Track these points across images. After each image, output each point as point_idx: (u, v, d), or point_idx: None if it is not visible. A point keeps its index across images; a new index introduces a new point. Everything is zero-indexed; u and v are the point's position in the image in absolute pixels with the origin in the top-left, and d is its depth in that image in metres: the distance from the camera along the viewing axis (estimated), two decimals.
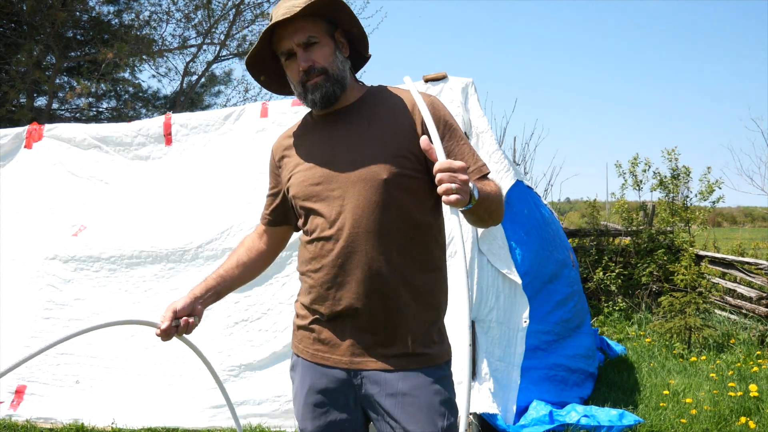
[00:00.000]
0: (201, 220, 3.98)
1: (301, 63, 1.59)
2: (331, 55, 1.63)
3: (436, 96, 3.74)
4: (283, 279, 3.74)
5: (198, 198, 4.08)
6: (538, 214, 4.60)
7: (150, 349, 3.81)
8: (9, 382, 3.93)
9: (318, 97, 1.62)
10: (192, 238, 3.93)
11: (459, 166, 1.38)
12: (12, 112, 9.74)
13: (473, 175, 1.61)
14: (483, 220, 1.62)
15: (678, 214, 7.73)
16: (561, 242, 4.90)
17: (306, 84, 1.62)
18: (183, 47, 12.74)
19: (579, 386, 4.28)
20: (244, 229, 3.87)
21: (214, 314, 3.78)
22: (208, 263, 3.86)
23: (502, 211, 1.64)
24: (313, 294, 1.66)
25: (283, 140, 1.81)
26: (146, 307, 3.88)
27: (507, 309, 3.74)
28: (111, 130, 4.50)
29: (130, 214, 4.15)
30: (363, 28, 1.70)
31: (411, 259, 1.62)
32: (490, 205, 1.55)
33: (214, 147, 4.22)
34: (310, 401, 1.68)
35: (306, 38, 1.59)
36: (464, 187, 1.38)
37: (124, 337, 3.89)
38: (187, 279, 3.84)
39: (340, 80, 1.63)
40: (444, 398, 1.62)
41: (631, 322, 6.81)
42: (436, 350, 1.65)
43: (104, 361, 3.87)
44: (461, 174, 1.38)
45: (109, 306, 3.93)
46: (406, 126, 1.63)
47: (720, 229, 17.09)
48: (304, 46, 1.60)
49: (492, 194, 1.56)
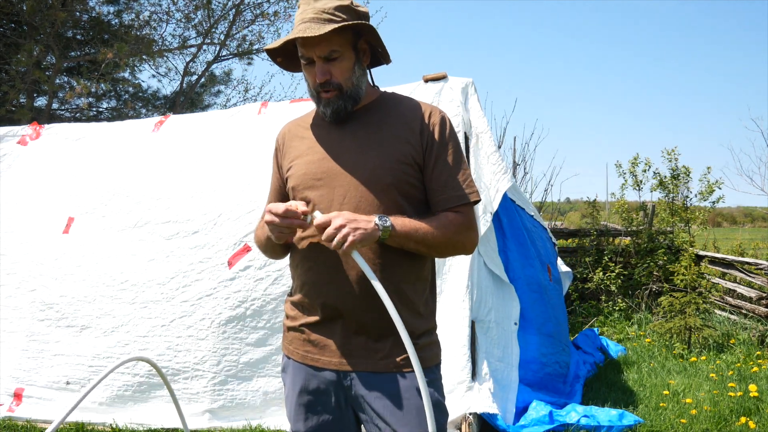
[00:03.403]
0: (194, 215, 3.95)
1: (318, 75, 1.61)
2: (349, 71, 1.64)
3: (436, 94, 3.75)
4: (274, 273, 3.68)
5: (192, 191, 4.05)
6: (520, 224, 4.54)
7: (149, 351, 3.80)
8: (7, 385, 3.93)
9: (329, 113, 1.65)
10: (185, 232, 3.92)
11: (331, 222, 1.47)
12: (12, 112, 9.73)
13: (438, 205, 1.64)
14: (426, 251, 1.63)
15: (678, 214, 7.73)
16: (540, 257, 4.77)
17: (320, 95, 1.64)
18: (183, 47, 12.73)
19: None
20: (231, 218, 3.83)
21: (204, 312, 3.73)
22: (199, 255, 3.84)
23: (453, 243, 1.64)
24: (304, 292, 1.66)
25: (291, 126, 1.81)
26: (144, 307, 3.88)
27: (501, 310, 3.76)
28: (104, 126, 4.51)
29: (121, 208, 4.13)
30: (386, 48, 1.72)
31: (405, 264, 1.63)
32: (422, 238, 1.57)
33: (208, 139, 4.21)
34: (301, 402, 1.68)
35: (328, 52, 1.60)
36: (340, 232, 1.45)
37: (124, 337, 3.88)
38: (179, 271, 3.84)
39: (354, 96, 1.66)
40: (434, 400, 1.62)
41: (631, 322, 6.80)
42: (425, 354, 1.65)
43: (96, 360, 3.85)
44: (335, 224, 1.46)
45: (105, 304, 3.92)
46: (412, 135, 1.65)
47: (720, 229, 17.09)
48: (324, 59, 1.61)
49: (425, 229, 1.57)
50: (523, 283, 4.21)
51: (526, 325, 4.07)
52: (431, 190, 1.66)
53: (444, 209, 1.64)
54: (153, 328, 3.77)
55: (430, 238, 1.58)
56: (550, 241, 5.29)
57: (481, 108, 3.83)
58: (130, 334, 3.82)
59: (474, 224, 1.68)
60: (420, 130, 1.66)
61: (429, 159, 1.65)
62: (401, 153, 1.63)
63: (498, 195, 3.68)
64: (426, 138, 1.65)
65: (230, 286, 3.70)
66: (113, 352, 3.83)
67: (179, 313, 3.75)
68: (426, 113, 1.69)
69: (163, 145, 4.29)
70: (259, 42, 12.94)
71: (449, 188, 1.64)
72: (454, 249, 1.68)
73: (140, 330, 3.80)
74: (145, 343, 3.77)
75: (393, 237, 1.53)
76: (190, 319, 3.73)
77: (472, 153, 3.78)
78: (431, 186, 1.66)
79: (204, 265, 3.78)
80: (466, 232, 1.65)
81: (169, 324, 3.75)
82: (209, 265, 3.77)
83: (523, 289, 4.16)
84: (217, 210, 3.87)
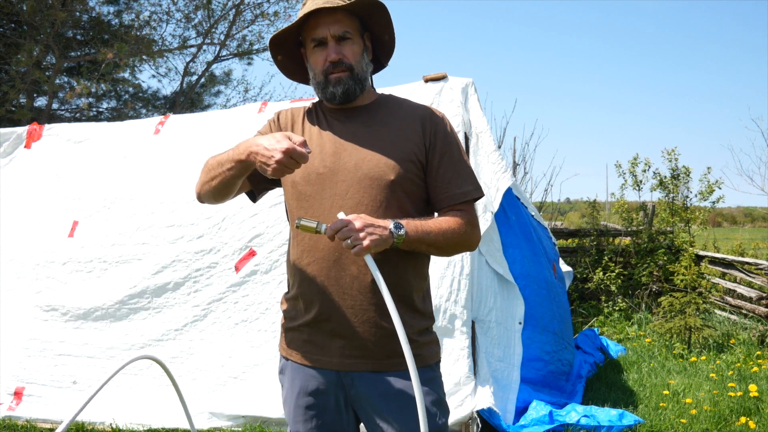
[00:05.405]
0: (198, 219, 3.96)
1: (331, 54, 1.61)
2: (360, 55, 1.66)
3: (436, 94, 3.75)
4: (280, 277, 3.73)
5: (192, 191, 4.06)
6: (526, 221, 4.54)
7: (148, 350, 3.80)
8: (7, 384, 3.93)
9: (339, 92, 1.64)
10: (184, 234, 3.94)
11: (349, 223, 1.46)
12: (12, 112, 9.73)
13: (442, 202, 1.65)
14: (435, 252, 1.66)
15: (678, 214, 7.73)
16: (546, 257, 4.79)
17: (329, 76, 1.63)
18: (183, 47, 12.73)
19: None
20: (236, 222, 3.86)
21: (216, 316, 3.79)
22: (205, 260, 3.85)
23: (459, 242, 1.65)
24: (303, 288, 1.65)
25: (294, 112, 1.78)
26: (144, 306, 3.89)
27: (505, 310, 3.75)
28: (106, 127, 4.51)
29: (125, 211, 4.14)
30: (394, 36, 1.73)
31: (405, 261, 1.63)
32: (433, 241, 1.58)
33: (209, 140, 4.21)
34: (301, 404, 1.67)
35: (342, 32, 1.62)
36: (358, 235, 1.45)
37: (122, 337, 3.89)
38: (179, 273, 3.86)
39: (362, 81, 1.67)
40: (434, 399, 1.63)
41: (631, 322, 6.80)
42: (426, 351, 1.65)
43: (101, 361, 3.87)
44: (353, 226, 1.45)
45: (111, 305, 3.93)
46: (415, 134, 1.66)
47: (720, 229, 17.09)
48: (337, 39, 1.62)
49: (435, 231, 1.58)
50: (531, 279, 4.18)
51: (532, 322, 4.04)
52: (434, 188, 1.67)
53: (448, 206, 1.66)
54: (167, 332, 3.83)
55: (440, 240, 1.60)
56: (551, 241, 5.30)
57: (481, 108, 3.83)
58: (138, 336, 3.86)
59: (477, 221, 1.70)
60: (422, 129, 1.67)
61: (432, 157, 1.66)
62: (404, 151, 1.64)
63: (498, 194, 3.68)
64: (428, 136, 1.67)
65: (238, 290, 3.77)
66: (119, 352, 3.85)
67: (191, 318, 3.81)
68: (427, 113, 1.71)
69: (164, 147, 4.30)
70: (259, 42, 12.95)
71: (453, 185, 1.65)
72: (461, 247, 1.69)
73: (148, 332, 3.84)
74: (151, 345, 3.81)
75: (405, 243, 1.54)
76: (201, 323, 3.80)
77: (472, 153, 3.78)
78: (435, 183, 1.66)
79: (212, 270, 3.83)
80: (471, 230, 1.67)
81: (181, 328, 3.82)
82: (218, 270, 3.82)
83: (531, 286, 4.14)
84: (220, 214, 3.89)
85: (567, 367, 4.51)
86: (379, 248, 1.49)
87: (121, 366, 1.59)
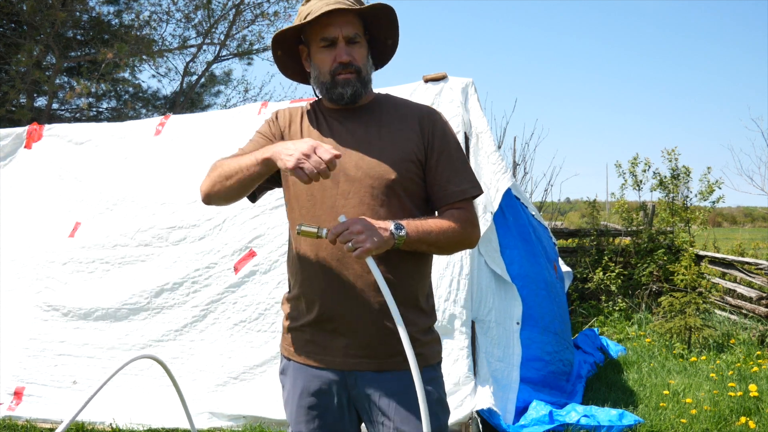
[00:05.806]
0: (199, 220, 3.96)
1: (342, 55, 1.62)
2: (366, 58, 1.68)
3: (436, 94, 3.75)
4: (279, 278, 3.73)
5: (195, 195, 4.06)
6: (526, 222, 4.54)
7: (148, 350, 3.80)
8: (7, 384, 3.93)
9: (348, 93, 1.64)
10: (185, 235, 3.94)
11: (350, 226, 1.46)
12: (12, 112, 9.73)
13: (442, 200, 1.66)
14: (436, 251, 1.67)
15: (678, 214, 7.73)
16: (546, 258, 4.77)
17: (337, 77, 1.64)
18: (183, 47, 12.73)
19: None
20: (236, 223, 3.86)
21: (215, 317, 3.79)
22: (205, 260, 3.85)
23: (459, 240, 1.66)
24: (304, 290, 1.65)
25: (292, 112, 1.77)
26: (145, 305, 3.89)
27: (504, 310, 3.76)
28: (107, 128, 4.51)
29: (127, 212, 4.14)
30: (398, 41, 1.74)
31: (409, 261, 1.63)
32: (434, 240, 1.59)
33: (209, 141, 4.21)
34: (303, 404, 1.67)
35: (354, 34, 1.63)
36: (359, 237, 1.45)
37: (122, 337, 3.89)
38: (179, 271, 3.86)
39: (367, 83, 1.68)
40: (436, 398, 1.63)
41: (631, 322, 6.80)
42: (427, 351, 1.65)
43: (101, 361, 3.87)
44: (354, 229, 1.46)
45: (113, 306, 3.93)
46: (414, 133, 1.67)
47: (720, 229, 17.09)
48: (347, 41, 1.63)
49: (435, 231, 1.59)
50: (530, 280, 4.18)
51: (532, 322, 4.04)
52: (434, 186, 1.67)
53: (447, 204, 1.66)
54: (167, 333, 3.84)
55: (441, 240, 1.60)
56: (551, 241, 5.30)
57: (481, 108, 3.83)
58: (137, 336, 3.86)
59: (476, 219, 1.71)
60: (420, 128, 1.68)
61: (431, 156, 1.67)
62: (404, 150, 1.64)
63: (498, 195, 3.68)
64: (427, 135, 1.67)
65: (237, 291, 3.77)
66: (119, 352, 3.86)
67: (190, 318, 3.81)
68: (424, 112, 1.72)
69: (165, 148, 4.30)
70: (259, 42, 12.96)
71: (452, 184, 1.66)
72: (461, 245, 1.70)
73: (154, 334, 3.86)
74: (151, 345, 3.81)
75: (406, 243, 1.55)
76: (201, 323, 3.80)
77: (472, 153, 3.79)
78: (433, 182, 1.67)
79: (211, 270, 3.83)
80: (471, 228, 1.67)
81: (181, 329, 3.82)
82: (216, 271, 3.82)
83: (530, 287, 4.14)
84: (221, 215, 3.90)
85: (568, 367, 4.51)
86: (381, 250, 1.49)
87: (122, 365, 1.58)
